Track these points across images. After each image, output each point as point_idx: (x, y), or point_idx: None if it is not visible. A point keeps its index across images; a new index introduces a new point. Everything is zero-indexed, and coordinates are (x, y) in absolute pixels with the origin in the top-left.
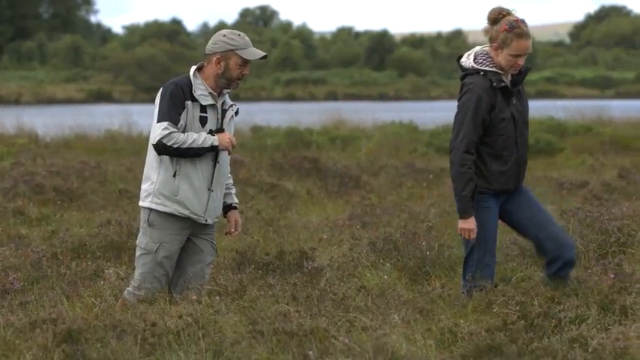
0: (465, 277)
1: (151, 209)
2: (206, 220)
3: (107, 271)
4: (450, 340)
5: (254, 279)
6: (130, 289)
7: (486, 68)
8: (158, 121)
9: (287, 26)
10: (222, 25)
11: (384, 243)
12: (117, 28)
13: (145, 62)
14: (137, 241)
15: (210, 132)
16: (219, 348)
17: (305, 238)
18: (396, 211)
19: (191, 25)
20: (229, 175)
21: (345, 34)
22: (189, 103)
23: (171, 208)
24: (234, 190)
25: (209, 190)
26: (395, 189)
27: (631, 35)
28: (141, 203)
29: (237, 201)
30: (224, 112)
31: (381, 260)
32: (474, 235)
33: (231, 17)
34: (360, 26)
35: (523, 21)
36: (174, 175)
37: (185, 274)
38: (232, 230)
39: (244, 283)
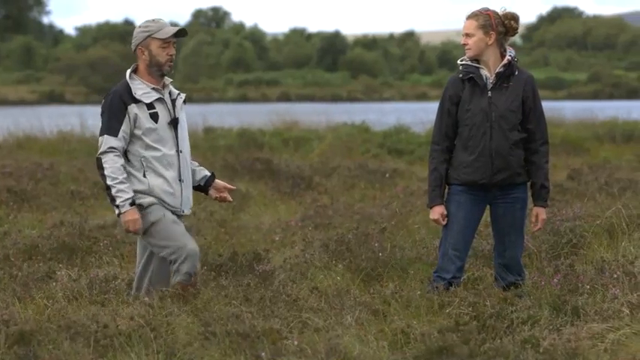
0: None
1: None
2: (183, 211)
3: (59, 273)
4: (402, 341)
5: (206, 280)
6: (177, 278)
7: (462, 62)
8: (100, 134)
9: (239, 27)
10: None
11: (337, 244)
12: (69, 29)
13: (98, 63)
14: (142, 231)
15: (171, 123)
16: (171, 349)
17: (257, 240)
18: (349, 213)
19: None
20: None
21: (297, 35)
22: (132, 106)
23: (150, 200)
24: (202, 167)
25: (180, 180)
26: (347, 190)
27: (583, 36)
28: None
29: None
30: (174, 102)
31: (334, 261)
32: (439, 224)
33: (183, 18)
34: (312, 27)
35: (484, 7)
36: (145, 175)
37: (151, 272)
38: (232, 187)
39: (197, 285)
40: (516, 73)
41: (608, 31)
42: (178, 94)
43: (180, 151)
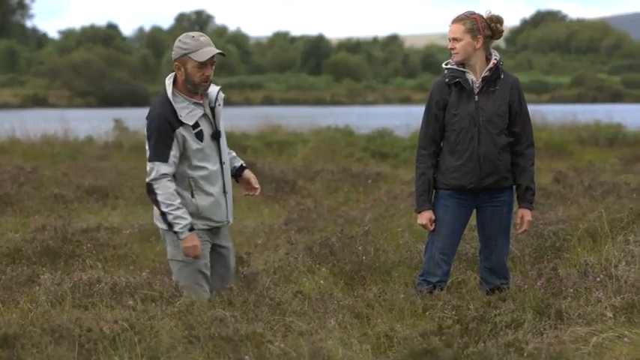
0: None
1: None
2: (229, 221)
3: (42, 277)
4: (386, 344)
5: None
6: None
7: (447, 66)
8: (149, 160)
9: (222, 31)
10: (157, 30)
11: (320, 247)
12: (52, 33)
13: (81, 67)
14: (169, 256)
15: (213, 136)
16: (155, 353)
17: (241, 243)
18: (332, 216)
19: (127, 29)
20: None
21: (280, 38)
22: (179, 130)
23: (198, 224)
24: (234, 153)
25: (224, 192)
26: (331, 193)
27: (566, 40)
28: (160, 225)
29: (243, 161)
30: (213, 110)
31: (318, 265)
32: (427, 229)
33: (167, 22)
34: (295, 31)
35: (469, 10)
36: (192, 196)
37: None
38: (256, 187)
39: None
40: (502, 76)
41: (591, 34)
42: (216, 99)
43: (224, 163)
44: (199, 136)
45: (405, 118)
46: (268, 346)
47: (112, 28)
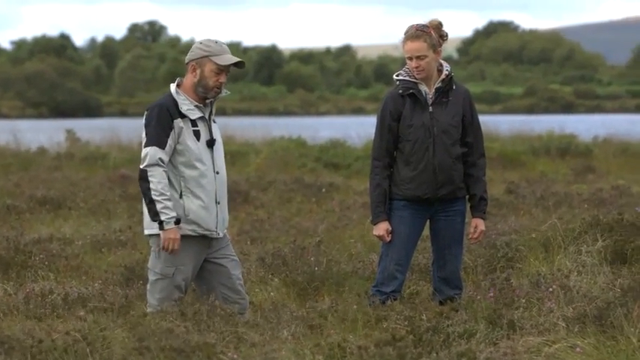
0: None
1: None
2: (218, 234)
3: None
4: (339, 355)
5: (142, 294)
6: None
7: (399, 77)
8: (146, 145)
9: (175, 41)
10: (110, 40)
11: (273, 258)
12: (4, 43)
13: (34, 77)
14: (149, 264)
15: (208, 143)
16: None
17: None
18: (285, 227)
19: (79, 40)
20: None
21: (233, 49)
22: (178, 120)
23: (184, 230)
24: None
25: (217, 203)
26: (284, 204)
27: (519, 50)
28: (149, 231)
29: None
30: (209, 120)
31: (270, 276)
32: (384, 241)
33: (119, 32)
34: (248, 41)
35: (419, 24)
36: (181, 197)
37: (219, 294)
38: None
39: (130, 299)
40: (454, 87)
41: (543, 45)
42: (212, 112)
43: (217, 172)
44: (196, 134)
45: (358, 129)
46: (220, 357)
47: (64, 38)
